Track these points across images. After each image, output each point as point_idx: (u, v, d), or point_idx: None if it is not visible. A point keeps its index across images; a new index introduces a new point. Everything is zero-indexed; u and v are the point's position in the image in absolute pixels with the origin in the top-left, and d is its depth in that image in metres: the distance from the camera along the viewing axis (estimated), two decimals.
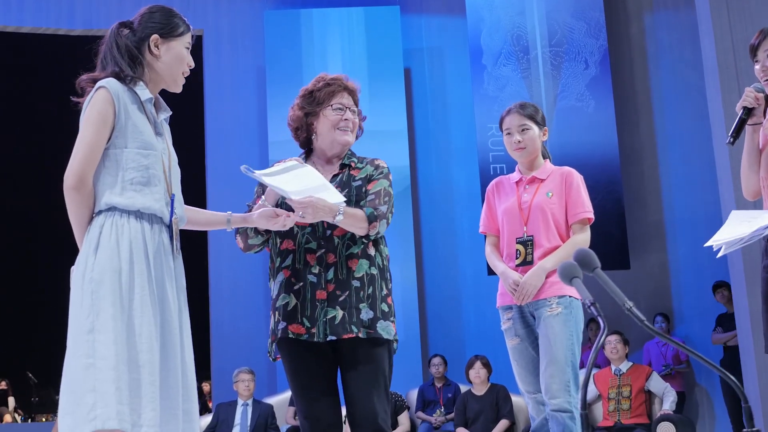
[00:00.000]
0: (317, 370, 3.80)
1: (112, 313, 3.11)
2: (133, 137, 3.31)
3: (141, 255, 3.22)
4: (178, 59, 3.50)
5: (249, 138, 12.98)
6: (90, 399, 3.04)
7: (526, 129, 4.48)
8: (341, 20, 12.84)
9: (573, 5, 12.15)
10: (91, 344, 3.09)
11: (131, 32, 3.45)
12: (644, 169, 12.07)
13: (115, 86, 3.29)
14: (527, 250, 4.34)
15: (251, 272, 12.62)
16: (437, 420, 9.33)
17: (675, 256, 11.82)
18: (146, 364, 3.13)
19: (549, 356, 4.25)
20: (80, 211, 3.25)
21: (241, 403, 9.14)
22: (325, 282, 3.75)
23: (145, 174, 3.31)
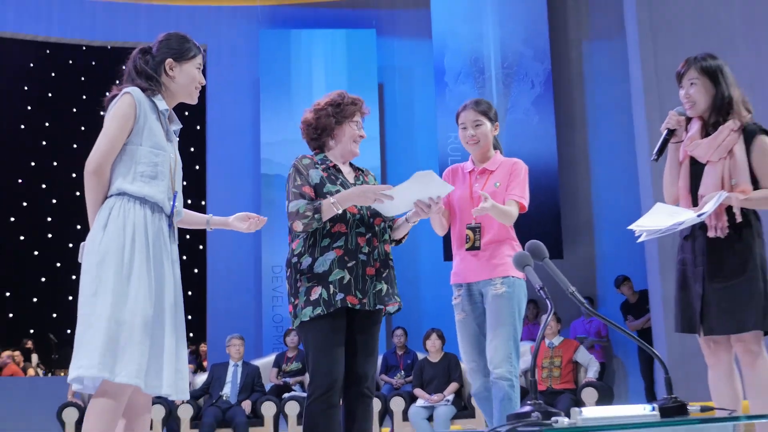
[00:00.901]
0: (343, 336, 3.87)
1: (113, 280, 3.16)
2: (148, 138, 3.35)
3: (142, 236, 3.26)
4: (190, 79, 3.53)
5: (244, 139, 12.97)
6: (82, 351, 3.10)
7: (479, 124, 4.37)
8: (325, 40, 12.90)
9: (522, 34, 12.20)
10: (93, 306, 3.15)
11: (150, 56, 3.49)
12: (578, 174, 12.12)
13: (138, 94, 3.35)
14: (476, 236, 4.27)
15: (242, 254, 12.63)
16: (397, 382, 9.36)
17: (600, 249, 11.92)
18: (137, 327, 3.15)
19: (494, 331, 4.19)
20: (96, 193, 3.28)
21: (233, 364, 9.10)
22: (372, 260, 3.91)
23: (154, 169, 3.35)
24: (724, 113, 3.98)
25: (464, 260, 4.33)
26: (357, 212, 3.90)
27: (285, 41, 12.90)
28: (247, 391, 8.93)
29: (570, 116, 12.29)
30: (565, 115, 12.24)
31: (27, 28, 12.87)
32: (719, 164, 3.93)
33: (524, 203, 4.32)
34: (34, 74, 14.22)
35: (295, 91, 12.70)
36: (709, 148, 3.97)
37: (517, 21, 12.25)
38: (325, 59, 12.79)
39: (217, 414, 8.64)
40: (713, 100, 4.00)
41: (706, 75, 4.00)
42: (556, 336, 8.64)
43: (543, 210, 11.31)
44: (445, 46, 12.32)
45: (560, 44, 12.39)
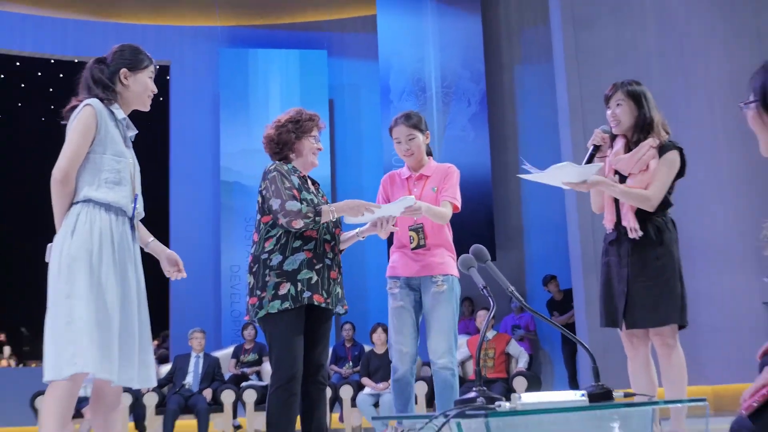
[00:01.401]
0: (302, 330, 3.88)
1: (86, 283, 3.12)
2: (110, 146, 3.31)
3: (108, 240, 3.23)
4: (143, 87, 3.49)
5: (205, 149, 12.92)
6: (71, 349, 3.04)
7: (412, 138, 4.37)
8: (280, 59, 12.89)
9: (461, 57, 12.26)
10: (69, 307, 3.09)
11: (105, 66, 3.45)
12: (509, 186, 12.19)
13: (98, 105, 3.31)
14: (419, 236, 4.28)
15: (202, 255, 12.54)
16: (346, 372, 9.37)
17: (529, 252, 12.01)
18: (111, 325, 3.14)
19: (437, 325, 4.22)
20: (62, 199, 3.23)
21: (194, 356, 9.02)
22: (334, 266, 3.99)
23: (117, 176, 3.32)
24: (645, 132, 4.09)
25: (405, 257, 4.34)
26: (324, 222, 3.92)
27: (243, 59, 12.86)
28: (208, 380, 8.85)
29: (503, 133, 12.36)
30: (498, 131, 12.30)
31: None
32: (638, 176, 4.04)
33: (457, 204, 4.36)
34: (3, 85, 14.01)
35: (252, 105, 12.67)
36: (630, 163, 4.07)
37: (455, 45, 12.30)
38: (280, 77, 12.79)
39: (180, 401, 8.55)
40: (636, 120, 4.11)
41: (631, 98, 4.11)
42: (490, 330, 8.65)
43: (478, 217, 11.42)
44: (390, 67, 12.32)
45: (494, 67, 12.45)
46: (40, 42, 12.92)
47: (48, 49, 12.97)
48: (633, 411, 2.52)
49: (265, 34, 13.27)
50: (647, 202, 3.96)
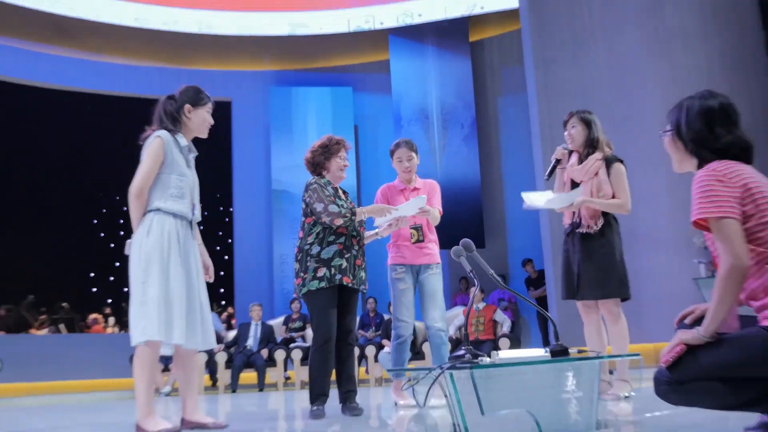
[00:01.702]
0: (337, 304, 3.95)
1: (158, 272, 3.17)
2: (175, 168, 3.34)
3: (174, 239, 3.27)
4: (202, 120, 3.50)
5: (260, 165, 12.93)
6: (143, 323, 3.11)
7: (411, 158, 4.43)
8: (316, 95, 12.91)
9: (455, 91, 12.25)
10: (143, 291, 3.15)
11: (174, 101, 3.47)
12: (494, 190, 12.17)
13: (166, 136, 3.34)
14: (419, 233, 4.33)
15: (259, 245, 12.60)
16: (370, 335, 9.36)
17: (511, 241, 11.99)
18: (176, 303, 3.18)
19: (434, 301, 4.29)
20: (138, 210, 3.27)
21: (254, 324, 9.04)
22: (359, 255, 4.04)
23: (180, 191, 3.35)
24: (593, 149, 4.10)
25: (407, 249, 4.37)
26: (357, 220, 3.99)
27: (287, 95, 12.90)
28: (264, 343, 8.88)
29: (489, 150, 12.32)
30: (485, 149, 12.27)
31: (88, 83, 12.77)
32: (589, 183, 4.05)
33: (441, 211, 4.43)
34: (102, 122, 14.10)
35: (295, 130, 12.71)
36: (582, 172, 4.09)
37: (450, 82, 12.28)
38: (316, 108, 12.81)
39: (244, 359, 8.61)
40: (586, 139, 4.12)
41: (583, 122, 4.13)
42: (481, 302, 8.68)
43: (471, 214, 11.43)
44: (401, 100, 12.34)
45: (481, 99, 12.41)
46: (132, 84, 13.00)
47: (137, 90, 13.05)
48: (584, 363, 2.53)
49: (305, 75, 13.30)
50: (623, 208, 3.99)
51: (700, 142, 2.13)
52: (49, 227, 13.43)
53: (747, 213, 1.99)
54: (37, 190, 13.27)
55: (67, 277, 13.68)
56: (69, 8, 12.04)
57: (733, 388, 1.91)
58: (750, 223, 1.99)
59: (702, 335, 1.96)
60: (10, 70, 12.07)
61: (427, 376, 2.43)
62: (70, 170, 13.56)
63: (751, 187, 2.01)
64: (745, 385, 1.91)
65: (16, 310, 12.33)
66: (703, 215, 2.00)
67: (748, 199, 2.00)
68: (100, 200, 14.19)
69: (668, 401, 2.01)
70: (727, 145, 2.10)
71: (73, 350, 10.43)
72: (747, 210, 2.00)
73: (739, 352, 1.90)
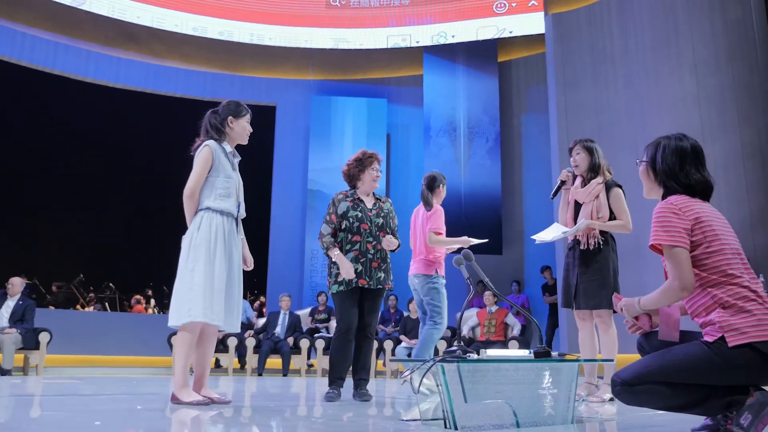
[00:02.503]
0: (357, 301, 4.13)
1: (204, 262, 3.41)
2: (222, 172, 3.59)
3: (221, 234, 3.50)
4: (243, 128, 3.75)
5: (298, 166, 13.10)
6: (188, 305, 3.35)
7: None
8: (353, 104, 13.02)
9: (482, 105, 12.32)
10: (191, 277, 3.38)
11: (217, 115, 3.72)
12: (514, 200, 12.22)
13: (214, 145, 3.59)
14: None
15: (292, 240, 12.80)
16: (389, 330, 9.46)
17: (528, 249, 11.99)
18: (219, 290, 3.43)
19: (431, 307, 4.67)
20: (191, 208, 3.53)
21: (282, 313, 9.18)
22: (376, 258, 4.14)
23: (227, 191, 3.58)
24: (595, 173, 4.22)
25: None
26: (368, 228, 4.14)
27: (327, 104, 13.08)
28: (291, 331, 9.01)
29: (511, 162, 12.38)
30: (508, 161, 12.33)
31: (150, 84, 13.17)
32: (590, 204, 4.17)
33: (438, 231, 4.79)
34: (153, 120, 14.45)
35: (333, 136, 12.88)
36: (584, 194, 4.21)
37: (478, 98, 12.36)
38: (353, 117, 12.95)
39: (271, 345, 8.76)
40: (589, 165, 4.24)
41: (586, 150, 4.26)
42: (494, 305, 8.72)
43: (492, 222, 11.52)
44: (431, 112, 12.44)
45: (506, 115, 12.48)
46: (189, 87, 13.35)
47: (193, 93, 13.38)
48: (564, 365, 2.66)
49: (344, 86, 13.48)
50: (625, 228, 4.11)
51: (672, 176, 2.29)
52: (102, 213, 13.83)
53: (696, 242, 2.17)
54: (97, 178, 13.69)
55: (115, 259, 14.05)
56: (137, 17, 12.63)
57: (677, 392, 2.08)
58: (697, 251, 2.17)
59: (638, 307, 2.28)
60: (84, 71, 12.59)
61: (422, 367, 2.57)
62: (127, 161, 13.94)
63: (702, 220, 2.18)
64: (687, 390, 2.08)
65: (66, 287, 12.72)
66: (658, 242, 2.19)
67: (698, 230, 2.17)
68: (151, 192, 14.59)
69: (622, 401, 2.16)
70: (695, 182, 2.27)
71: (116, 328, 10.68)
72: (696, 240, 2.17)
73: (683, 361, 2.08)
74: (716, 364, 2.03)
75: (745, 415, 2.01)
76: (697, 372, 2.05)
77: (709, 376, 2.06)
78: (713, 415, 2.13)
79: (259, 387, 5.80)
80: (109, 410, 3.20)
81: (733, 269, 2.13)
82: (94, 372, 8.18)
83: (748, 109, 8.34)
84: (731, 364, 2.02)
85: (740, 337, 2.02)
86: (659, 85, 8.95)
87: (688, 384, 2.07)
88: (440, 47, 12.77)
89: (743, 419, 2.00)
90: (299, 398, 4.61)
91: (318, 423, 2.89)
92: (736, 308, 2.07)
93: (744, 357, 2.01)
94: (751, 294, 2.09)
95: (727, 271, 2.12)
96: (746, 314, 2.05)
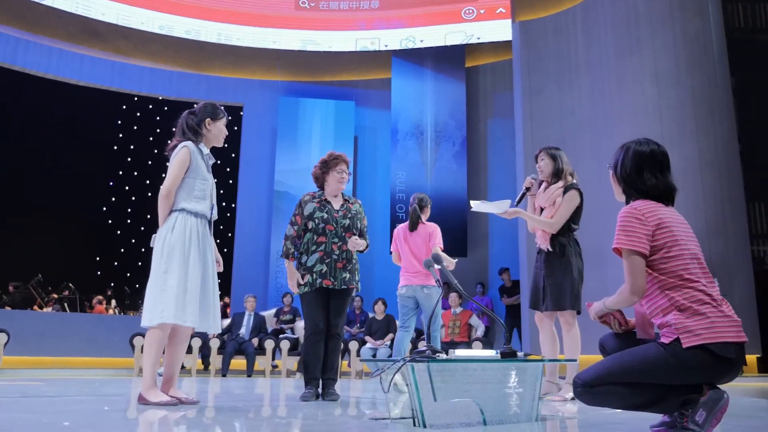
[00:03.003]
0: (324, 302, 4.18)
1: (178, 263, 3.42)
2: (198, 174, 3.60)
3: (195, 236, 3.52)
4: (219, 131, 3.76)
5: (264, 167, 13.07)
6: (161, 307, 3.37)
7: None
8: (321, 107, 13.03)
9: (449, 110, 12.44)
10: (164, 279, 3.39)
11: (194, 116, 3.71)
12: None
13: (192, 146, 3.60)
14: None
15: (257, 241, 12.74)
16: (354, 331, 9.46)
17: (492, 252, 12.13)
18: (193, 291, 3.44)
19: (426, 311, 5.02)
20: (165, 208, 3.53)
21: (247, 314, 9.16)
22: (341, 259, 4.18)
23: (202, 193, 3.60)
24: (557, 178, 4.37)
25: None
26: (333, 229, 4.18)
27: (295, 105, 13.06)
28: (256, 332, 9.00)
29: (476, 167, 12.51)
30: (473, 165, 12.45)
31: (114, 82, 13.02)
32: (549, 209, 4.32)
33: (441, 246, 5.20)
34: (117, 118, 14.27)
35: (299, 138, 12.86)
36: (544, 199, 4.36)
37: (445, 102, 12.48)
38: (321, 119, 12.95)
39: (236, 346, 8.74)
40: (552, 170, 4.38)
41: (550, 156, 4.41)
42: (458, 307, 8.81)
43: (456, 225, 11.63)
44: (399, 115, 12.51)
45: (473, 120, 12.61)
46: (155, 86, 13.22)
47: (159, 91, 13.25)
48: (528, 365, 2.74)
49: (312, 88, 13.49)
50: (550, 227, 4.24)
51: (630, 183, 2.39)
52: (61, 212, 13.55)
53: (657, 246, 2.27)
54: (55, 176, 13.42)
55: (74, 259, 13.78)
56: (101, 13, 12.43)
57: (635, 392, 2.18)
58: (657, 255, 2.27)
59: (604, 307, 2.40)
60: (46, 67, 12.37)
61: (392, 366, 2.62)
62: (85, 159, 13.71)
63: (664, 225, 2.28)
64: (645, 390, 2.18)
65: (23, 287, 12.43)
66: (619, 245, 2.29)
67: (660, 234, 2.27)
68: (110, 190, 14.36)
69: (583, 401, 2.25)
70: (650, 188, 2.36)
71: (76, 329, 10.49)
72: (657, 244, 2.27)
73: (641, 363, 2.18)
74: (672, 365, 2.14)
75: (699, 412, 2.11)
76: (654, 372, 2.15)
77: (666, 376, 2.16)
78: (670, 412, 2.23)
79: (224, 388, 5.78)
80: (76, 411, 3.18)
81: (691, 273, 2.22)
82: (53, 374, 8.02)
83: (706, 120, 8.60)
84: (686, 365, 2.13)
85: (694, 339, 2.13)
86: (622, 93, 9.17)
87: (645, 384, 2.17)
88: (409, 51, 12.87)
89: (698, 416, 2.11)
90: (265, 399, 4.62)
91: (287, 423, 2.92)
92: (691, 311, 2.16)
93: (697, 358, 2.11)
94: (706, 297, 2.19)
95: (684, 275, 2.22)
96: (700, 317, 2.15)
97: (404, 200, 11.91)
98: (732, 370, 2.15)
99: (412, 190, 11.99)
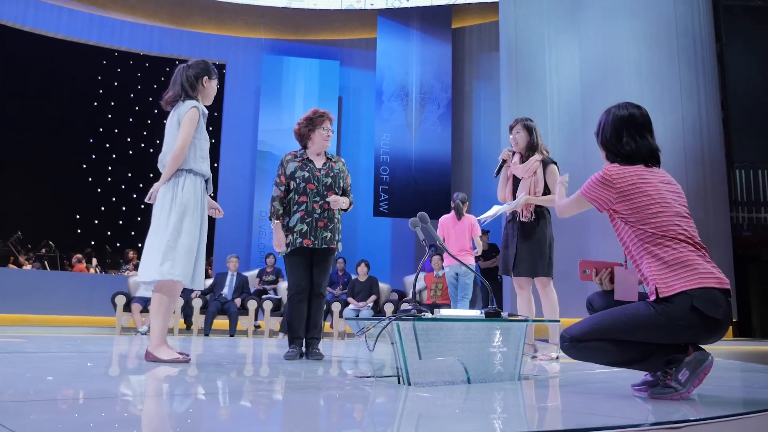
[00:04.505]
0: (307, 262, 4.16)
1: (190, 224, 3.47)
2: (203, 133, 3.62)
3: (200, 195, 3.56)
4: (213, 89, 3.76)
5: (248, 126, 12.98)
6: (168, 263, 3.40)
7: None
8: (305, 66, 12.90)
9: (434, 72, 12.36)
10: (176, 236, 3.43)
11: (192, 70, 3.66)
12: (464, 166, 12.36)
13: (201, 106, 3.61)
14: None
15: (241, 201, 12.68)
16: (337, 292, 9.48)
17: (475, 213, 12.20)
18: (200, 253, 3.54)
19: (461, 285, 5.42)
20: (174, 167, 3.52)
21: (230, 274, 9.13)
22: (322, 218, 4.13)
23: (205, 153, 3.64)
24: (533, 151, 4.47)
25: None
26: (314, 188, 4.14)
27: (279, 64, 12.90)
28: (238, 292, 8.98)
29: (461, 129, 12.50)
30: (458, 127, 12.45)
31: (93, 36, 12.74)
32: (528, 180, 4.38)
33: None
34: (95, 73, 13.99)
35: (283, 97, 12.74)
36: (523, 170, 4.42)
37: (431, 63, 12.39)
38: (305, 78, 12.82)
39: (218, 306, 8.72)
40: (527, 143, 4.44)
41: (525, 129, 4.48)
42: (441, 269, 8.83)
43: (441, 187, 11.63)
44: (384, 76, 12.41)
45: (458, 81, 12.56)
46: (135, 41, 12.94)
47: (139, 47, 12.98)
48: (512, 325, 2.77)
49: (296, 46, 13.30)
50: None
51: (611, 148, 2.41)
52: (40, 169, 13.35)
53: (635, 206, 2.33)
54: (33, 132, 13.17)
55: (54, 217, 13.63)
56: None
57: (621, 349, 2.21)
58: (639, 214, 2.32)
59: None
60: (23, 19, 12.07)
61: (377, 325, 2.63)
62: (66, 116, 13.46)
63: (640, 187, 2.33)
64: (631, 347, 2.20)
65: (2, 244, 12.30)
66: (581, 191, 2.45)
67: (636, 195, 2.33)
68: (90, 146, 14.14)
69: (570, 356, 2.28)
70: (631, 152, 2.38)
71: (56, 287, 10.45)
72: (635, 204, 2.33)
73: (629, 320, 2.21)
74: (661, 323, 2.16)
75: (683, 371, 2.14)
76: (642, 330, 2.18)
77: (654, 335, 2.19)
78: (654, 371, 2.27)
79: (207, 347, 5.79)
80: (58, 368, 3.16)
81: (672, 229, 2.26)
82: (34, 331, 7.99)
83: (691, 84, 8.60)
84: (674, 324, 2.15)
85: (669, 289, 2.17)
86: (610, 60, 9.11)
87: (632, 341, 2.20)
88: (394, 11, 12.69)
89: (681, 375, 2.14)
90: (248, 357, 4.63)
91: (272, 381, 2.92)
92: (674, 263, 2.21)
93: (686, 318, 2.14)
94: (690, 253, 2.22)
95: (666, 232, 2.26)
96: (679, 268, 2.19)
97: (388, 162, 11.86)
98: (719, 331, 2.19)
99: (396, 152, 11.94)
